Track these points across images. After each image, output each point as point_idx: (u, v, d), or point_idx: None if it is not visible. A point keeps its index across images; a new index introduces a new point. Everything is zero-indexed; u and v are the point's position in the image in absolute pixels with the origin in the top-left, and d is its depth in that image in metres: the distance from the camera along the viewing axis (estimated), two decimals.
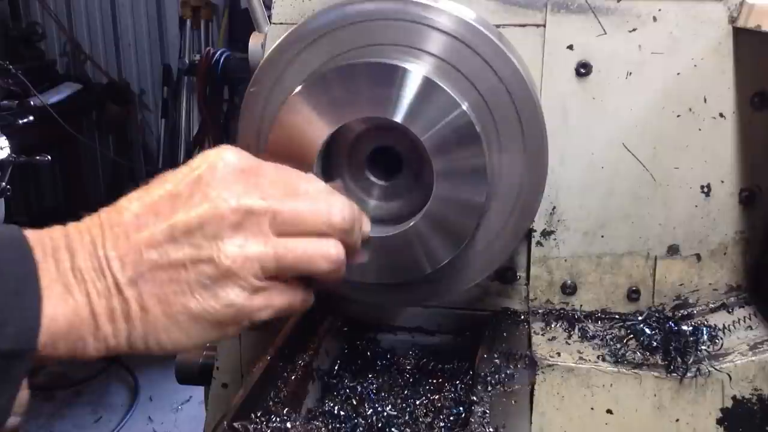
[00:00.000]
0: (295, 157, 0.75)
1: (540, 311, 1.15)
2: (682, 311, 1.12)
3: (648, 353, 1.03)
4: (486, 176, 0.86)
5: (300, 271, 0.67)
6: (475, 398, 0.96)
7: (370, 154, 0.95)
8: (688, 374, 0.99)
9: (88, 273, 0.62)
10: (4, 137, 2.90)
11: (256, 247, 0.64)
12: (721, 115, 1.05)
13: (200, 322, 0.64)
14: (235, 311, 0.65)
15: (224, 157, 0.66)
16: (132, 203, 0.65)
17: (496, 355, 1.04)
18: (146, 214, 0.64)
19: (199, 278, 0.63)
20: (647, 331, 1.05)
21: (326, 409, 1.01)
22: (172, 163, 4.89)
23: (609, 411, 1.03)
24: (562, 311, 1.15)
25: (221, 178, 0.65)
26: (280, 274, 0.67)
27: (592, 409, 1.03)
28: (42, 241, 0.62)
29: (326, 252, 0.68)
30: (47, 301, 0.59)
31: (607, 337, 1.08)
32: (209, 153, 0.67)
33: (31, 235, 0.62)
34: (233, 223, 0.63)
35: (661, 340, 1.03)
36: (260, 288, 0.65)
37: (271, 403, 0.96)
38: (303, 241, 0.67)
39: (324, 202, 0.69)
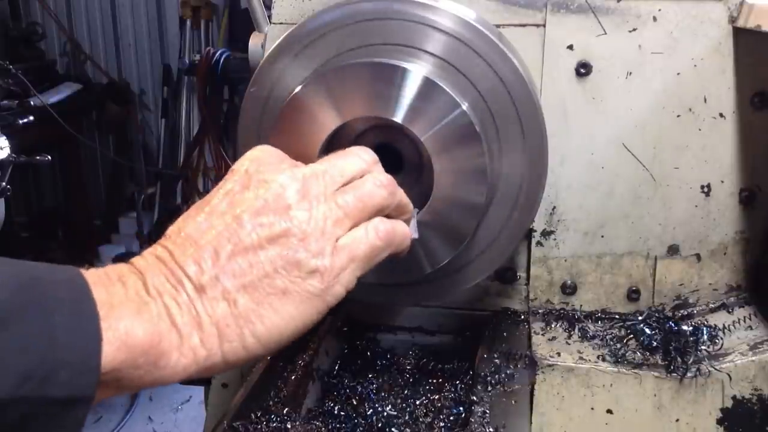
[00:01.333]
0: (295, 157, 0.75)
1: (540, 311, 1.15)
2: (682, 311, 1.11)
3: (648, 353, 1.03)
4: (486, 176, 0.86)
5: (365, 212, 0.70)
6: (475, 398, 0.96)
7: None
8: (688, 374, 0.99)
9: (163, 286, 0.61)
10: (4, 137, 2.89)
11: (323, 207, 0.67)
12: (721, 115, 1.05)
13: (291, 298, 0.64)
14: (321, 276, 0.65)
15: (263, 149, 0.72)
16: (187, 219, 0.66)
17: (496, 355, 1.04)
18: (208, 219, 0.65)
19: (279, 253, 0.64)
20: (647, 331, 1.05)
21: (326, 409, 1.01)
22: (172, 163, 4.89)
23: (609, 411, 1.03)
24: (562, 311, 1.14)
25: (268, 163, 0.69)
26: (350, 224, 0.69)
27: (592, 409, 1.03)
28: (106, 273, 0.60)
29: (376, 179, 0.72)
30: (117, 322, 0.56)
31: (607, 337, 1.08)
32: (245, 154, 0.71)
33: (91, 272, 0.59)
34: (295, 191, 0.66)
35: (661, 340, 1.03)
36: (338, 246, 0.67)
37: (271, 403, 0.96)
38: (354, 185, 0.71)
39: (346, 152, 0.75)
